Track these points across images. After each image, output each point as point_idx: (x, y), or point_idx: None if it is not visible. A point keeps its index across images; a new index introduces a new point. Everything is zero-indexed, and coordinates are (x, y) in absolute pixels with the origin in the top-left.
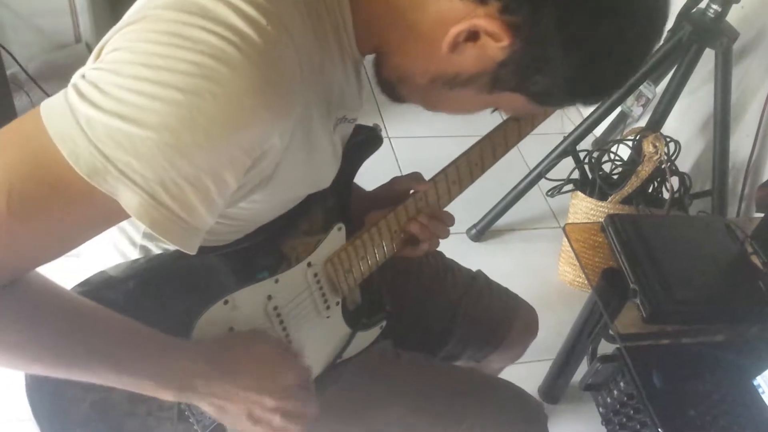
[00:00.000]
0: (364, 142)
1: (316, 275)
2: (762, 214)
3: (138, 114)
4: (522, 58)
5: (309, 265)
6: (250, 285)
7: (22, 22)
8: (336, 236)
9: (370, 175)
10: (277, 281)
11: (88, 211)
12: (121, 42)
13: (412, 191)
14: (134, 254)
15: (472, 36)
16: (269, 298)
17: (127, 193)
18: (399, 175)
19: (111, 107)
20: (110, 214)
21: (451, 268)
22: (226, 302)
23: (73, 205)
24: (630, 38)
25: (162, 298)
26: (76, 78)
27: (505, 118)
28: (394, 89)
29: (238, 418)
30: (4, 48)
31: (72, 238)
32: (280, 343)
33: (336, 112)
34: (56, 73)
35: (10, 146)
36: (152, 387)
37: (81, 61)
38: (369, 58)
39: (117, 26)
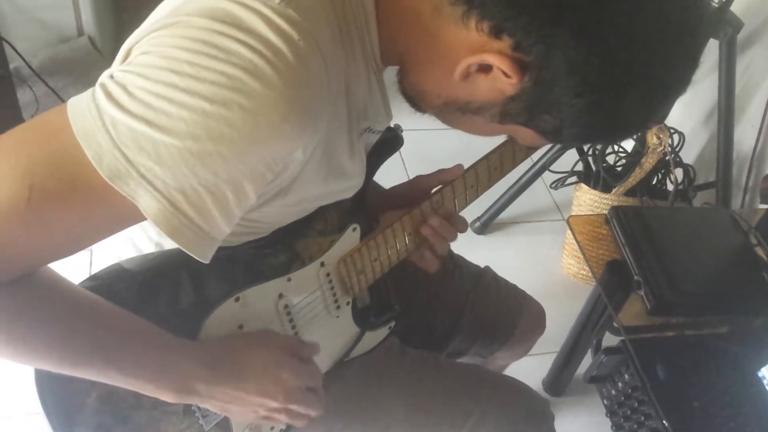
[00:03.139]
0: (383, 143)
1: (328, 275)
2: (766, 206)
3: (164, 120)
4: (530, 97)
5: (322, 264)
6: (262, 283)
7: (25, 16)
8: (350, 237)
9: None
10: (289, 280)
11: (107, 212)
12: (152, 46)
13: (433, 190)
14: (149, 248)
15: (485, 68)
16: (280, 296)
17: (147, 198)
18: (403, 167)
19: (138, 111)
20: (128, 216)
21: (458, 264)
22: (237, 299)
23: (92, 205)
24: (648, 96)
25: (173, 292)
26: (104, 78)
27: None
28: (415, 103)
29: (243, 416)
30: (7, 42)
31: (87, 237)
32: (289, 343)
33: (361, 123)
34: (59, 67)
35: (35, 141)
36: (153, 389)
37: (84, 55)
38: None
39: (145, 28)
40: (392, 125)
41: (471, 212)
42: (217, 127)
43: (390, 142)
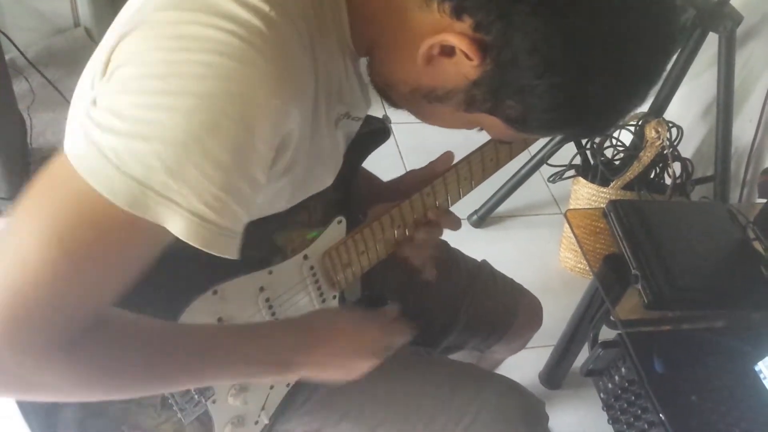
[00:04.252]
0: (371, 134)
1: (312, 268)
2: (764, 200)
3: (159, 130)
4: (493, 81)
5: (305, 257)
6: (241, 275)
7: (21, 7)
8: (335, 229)
9: (371, 162)
10: (270, 273)
11: (139, 240)
12: (126, 55)
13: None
14: None
15: (448, 51)
16: (261, 289)
17: (173, 216)
18: (400, 159)
19: (132, 130)
20: (160, 237)
21: (455, 258)
22: (215, 292)
23: (123, 238)
24: (614, 81)
25: (149, 285)
26: (89, 106)
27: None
28: (387, 95)
29: (335, 377)
30: (3, 33)
31: (132, 267)
32: (361, 314)
33: (337, 107)
34: (55, 58)
35: (47, 197)
36: (260, 374)
37: (80, 46)
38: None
39: (117, 30)
40: (381, 116)
41: (468, 205)
42: (211, 119)
43: (377, 133)
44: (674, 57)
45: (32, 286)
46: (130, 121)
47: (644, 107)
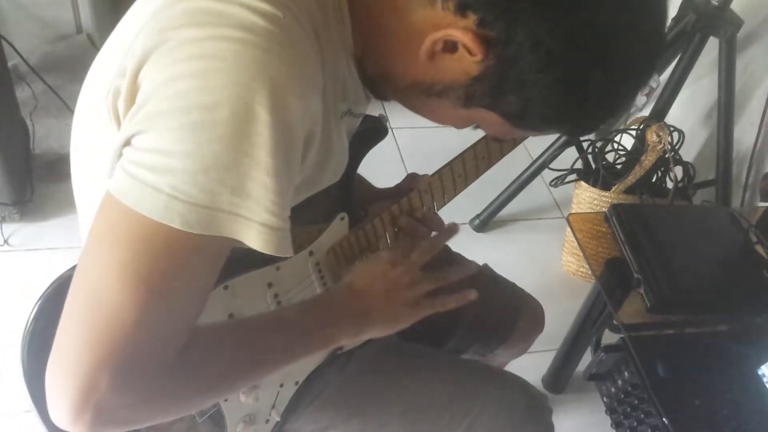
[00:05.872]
0: (368, 132)
1: (317, 264)
2: (766, 204)
3: (211, 158)
4: (495, 76)
5: (311, 253)
6: (250, 271)
7: (24, 13)
8: (339, 226)
9: (373, 166)
10: (278, 269)
11: (213, 254)
12: (152, 86)
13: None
14: None
15: (450, 47)
16: (269, 285)
17: (246, 230)
18: (402, 165)
19: (185, 165)
20: (230, 244)
21: (457, 262)
22: (225, 287)
23: (199, 258)
24: (613, 75)
25: None
26: (123, 148)
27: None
28: (377, 86)
29: (408, 316)
30: (5, 39)
31: (209, 279)
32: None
33: (341, 104)
34: (58, 65)
35: (115, 245)
36: (338, 342)
37: (82, 53)
38: None
39: (136, 47)
40: (377, 115)
41: (470, 210)
42: (254, 131)
43: (375, 131)
44: (674, 61)
45: (126, 330)
46: (181, 157)
47: (645, 111)
